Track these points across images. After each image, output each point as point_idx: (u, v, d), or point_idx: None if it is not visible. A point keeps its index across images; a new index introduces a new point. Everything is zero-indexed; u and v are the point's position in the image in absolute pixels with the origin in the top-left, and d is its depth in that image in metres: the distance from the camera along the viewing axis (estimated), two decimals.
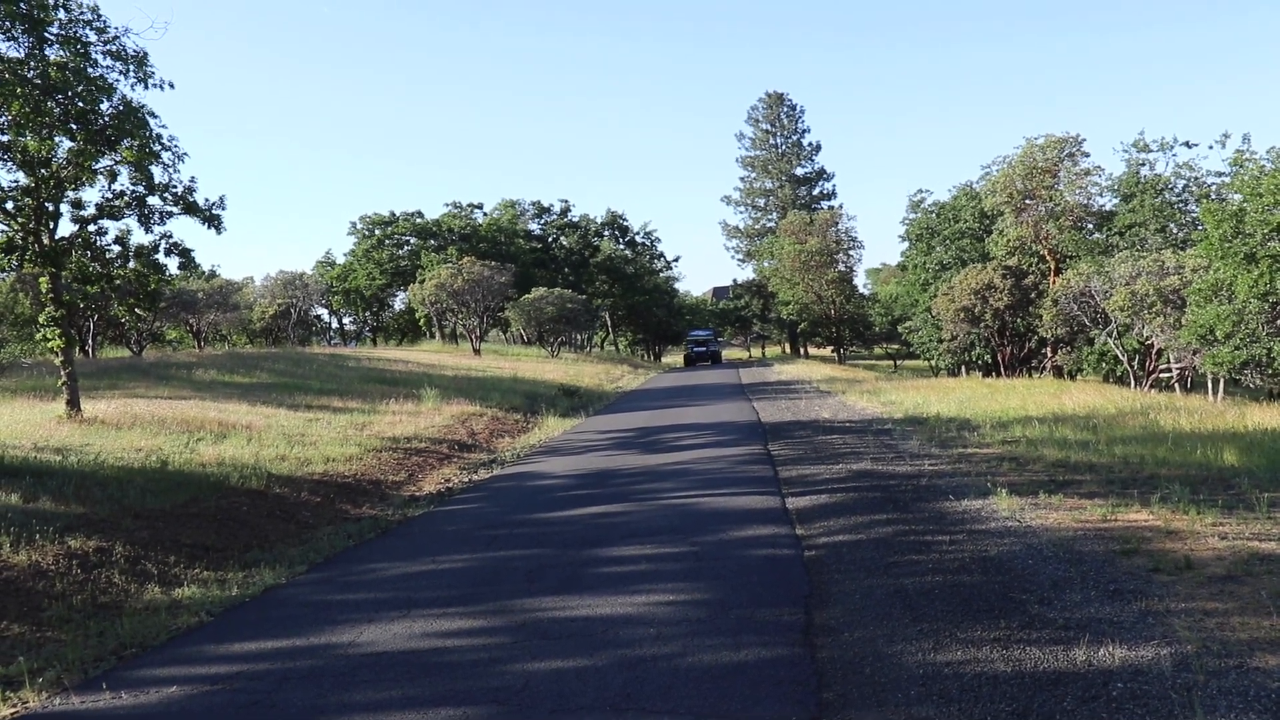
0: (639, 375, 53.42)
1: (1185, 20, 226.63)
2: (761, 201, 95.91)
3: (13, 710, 6.64)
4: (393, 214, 75.15)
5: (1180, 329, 31.23)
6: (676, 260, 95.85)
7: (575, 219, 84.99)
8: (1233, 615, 6.78)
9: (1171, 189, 43.49)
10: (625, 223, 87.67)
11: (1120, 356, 37.54)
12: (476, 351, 56.18)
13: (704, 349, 70.91)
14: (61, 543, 10.53)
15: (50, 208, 19.13)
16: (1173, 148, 43.81)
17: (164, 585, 10.02)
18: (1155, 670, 5.90)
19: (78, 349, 20.46)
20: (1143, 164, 44.58)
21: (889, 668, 6.32)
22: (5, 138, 18.01)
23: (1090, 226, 47.37)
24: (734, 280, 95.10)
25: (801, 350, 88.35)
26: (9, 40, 13.73)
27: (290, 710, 6.29)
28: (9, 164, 18.59)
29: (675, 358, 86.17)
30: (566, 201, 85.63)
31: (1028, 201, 47.37)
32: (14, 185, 18.94)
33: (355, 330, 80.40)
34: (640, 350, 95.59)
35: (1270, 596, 7.10)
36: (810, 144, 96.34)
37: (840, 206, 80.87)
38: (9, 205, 18.90)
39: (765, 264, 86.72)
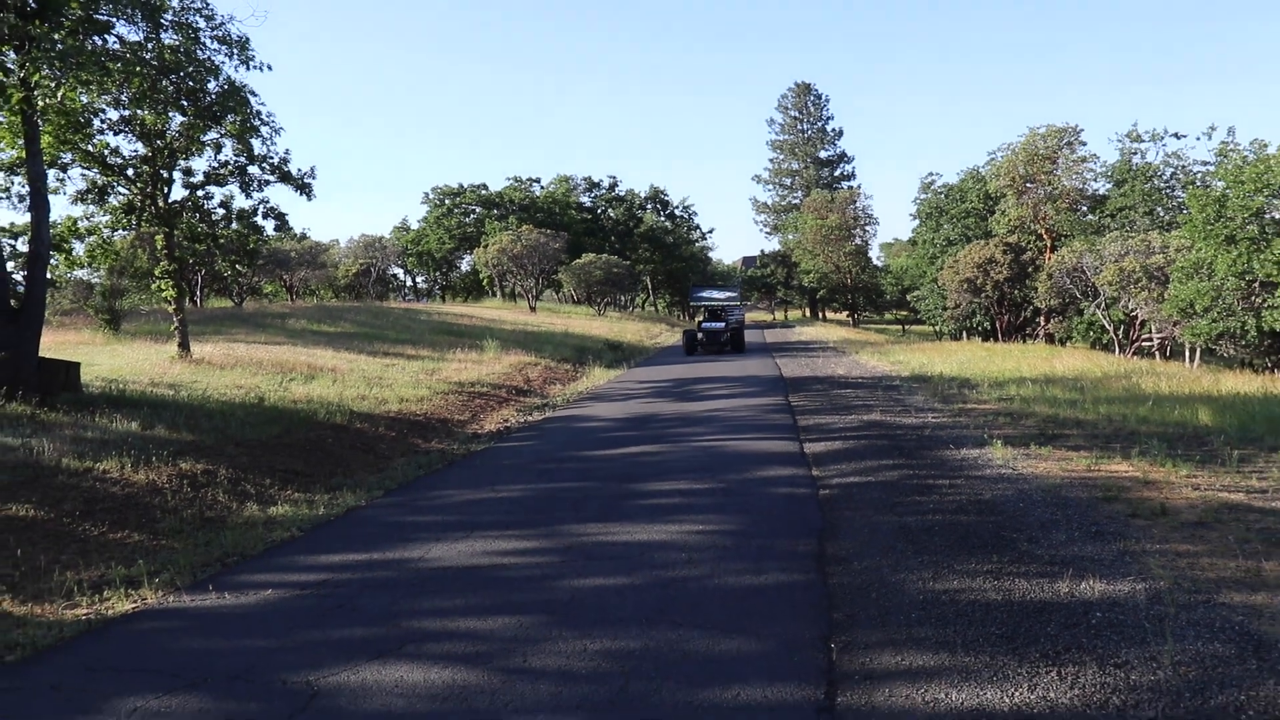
0: (675, 333, 53.23)
1: (1180, 20, 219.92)
2: (788, 181, 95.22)
3: (133, 605, 6.84)
4: (461, 186, 75.18)
5: (1163, 303, 30.89)
6: (711, 232, 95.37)
7: (622, 193, 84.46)
8: (1202, 557, 6.71)
9: (1160, 176, 42.87)
10: (666, 197, 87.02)
11: (1107, 326, 37.17)
12: (532, 309, 56.34)
13: (719, 326, 36.15)
14: (174, 465, 10.77)
15: (165, 175, 19.39)
16: (1163, 138, 43.59)
17: (261, 504, 10.24)
18: (1131, 603, 5.86)
19: (187, 299, 20.77)
20: (1134, 153, 44.14)
21: (892, 593, 6.33)
22: (126, 112, 18.22)
23: (1084, 209, 46.78)
24: (761, 250, 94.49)
25: (820, 314, 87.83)
26: (130, 25, 13.80)
27: (368, 613, 6.42)
28: (130, 135, 18.84)
29: None
30: (614, 178, 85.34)
31: (1028, 185, 47.28)
32: (134, 155, 19.23)
33: (426, 288, 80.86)
34: (677, 311, 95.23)
35: (1237, 541, 7.02)
36: (834, 130, 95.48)
37: (859, 187, 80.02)
38: (129, 172, 19.18)
39: (790, 236, 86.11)
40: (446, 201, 74.48)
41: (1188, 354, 32.90)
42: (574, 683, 5.09)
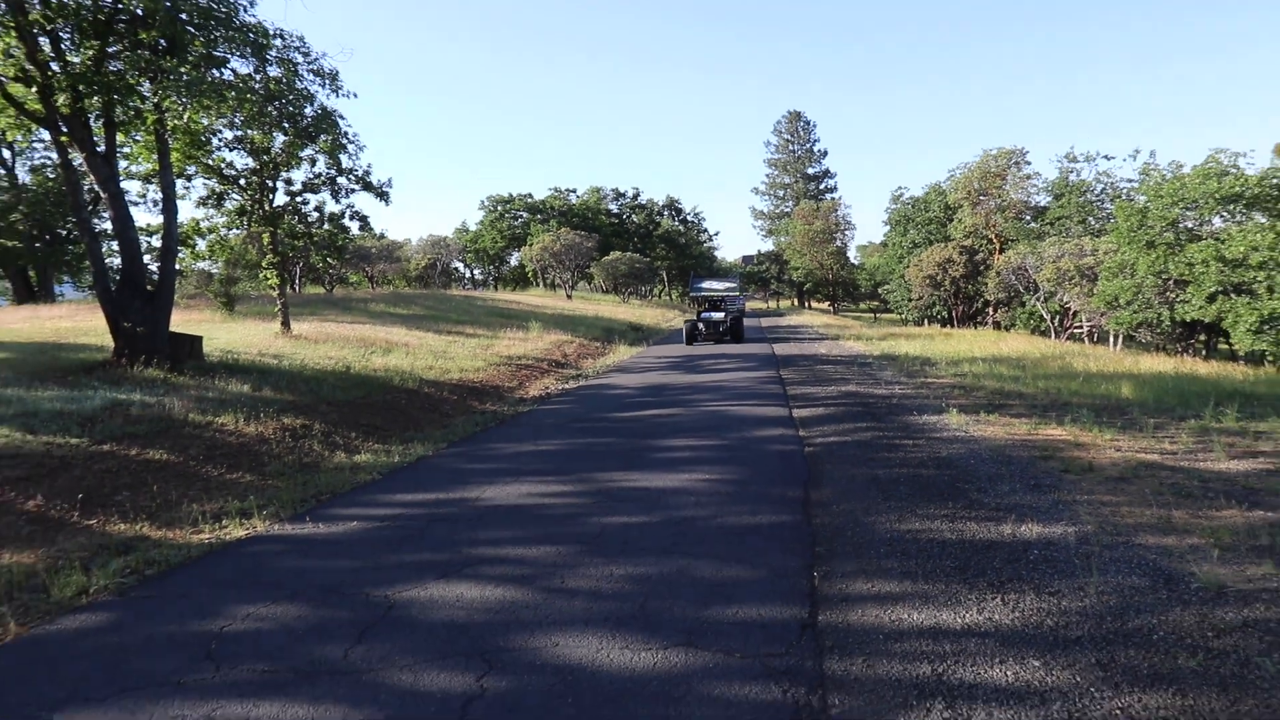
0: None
1: (1111, 61, 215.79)
2: (781, 192, 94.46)
3: (246, 532, 6.93)
4: (511, 195, 74.86)
5: (1092, 296, 30.58)
6: (716, 234, 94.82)
7: (643, 202, 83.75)
8: (1122, 506, 6.63)
9: (1092, 191, 42.29)
10: (679, 205, 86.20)
11: (1045, 315, 36.81)
12: (569, 297, 56.23)
13: (718, 316, 30.08)
14: (278, 420, 10.87)
15: (269, 184, 19.49)
16: (1095, 159, 43.70)
17: (348, 452, 10.32)
18: (1063, 543, 5.81)
19: (288, 286, 20.84)
20: (1071, 171, 43.79)
21: (865, 532, 6.30)
22: (239, 133, 18.27)
23: (1028, 218, 46.31)
24: (758, 250, 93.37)
25: (806, 304, 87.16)
26: (242, 60, 13.78)
27: (434, 542, 6.46)
28: (241, 152, 18.92)
29: None
30: (637, 189, 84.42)
31: (982, 197, 46.94)
32: (245, 167, 19.30)
33: (482, 279, 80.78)
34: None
35: (1151, 493, 6.94)
36: (819, 150, 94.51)
37: (839, 198, 78.80)
38: (241, 182, 19.26)
39: (782, 239, 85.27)
40: (499, 208, 74.27)
41: (1112, 339, 32.48)
42: (602, 600, 5.11)
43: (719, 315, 29.98)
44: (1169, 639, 4.28)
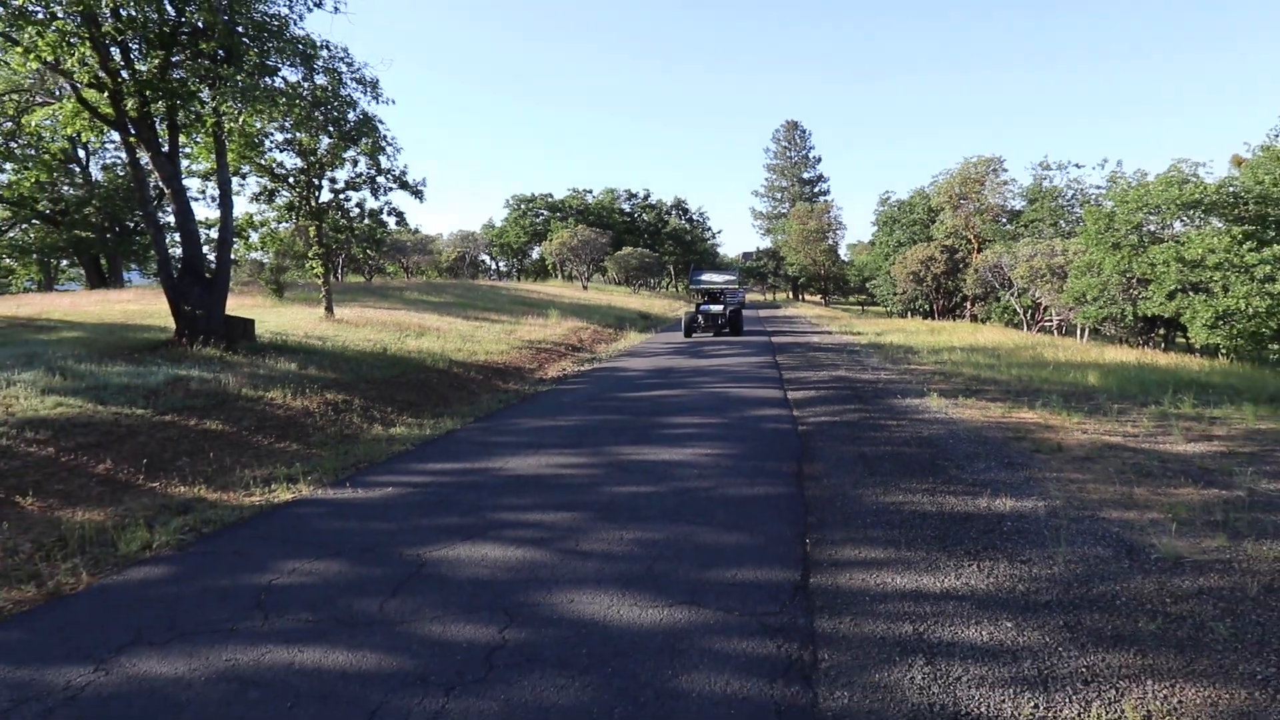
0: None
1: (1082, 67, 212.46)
2: (778, 195, 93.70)
3: (292, 495, 6.93)
4: (533, 195, 74.46)
5: (1062, 293, 30.21)
6: (719, 232, 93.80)
7: (653, 202, 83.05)
8: (1088, 483, 6.56)
9: (1063, 196, 41.76)
10: (686, 206, 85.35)
11: (1018, 310, 36.44)
12: (584, 288, 55.97)
13: (717, 309, 27.66)
14: (322, 395, 10.87)
15: (315, 183, 19.41)
16: (1066, 167, 43.16)
17: (384, 425, 10.31)
18: (1034, 515, 5.74)
19: (331, 275, 20.85)
20: (1044, 178, 43.20)
21: (852, 503, 6.25)
22: (288, 135, 18.20)
23: (1004, 220, 45.74)
24: (757, 247, 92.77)
25: (800, 296, 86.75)
26: (291, 69, 13.68)
27: (462, 505, 6.45)
28: (290, 153, 18.85)
29: None
30: (647, 190, 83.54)
31: (962, 201, 46.40)
32: (294, 167, 19.22)
33: (506, 270, 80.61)
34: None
35: (1115, 472, 6.86)
36: (814, 157, 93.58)
37: (832, 200, 78.12)
38: (290, 180, 19.20)
39: (779, 237, 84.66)
40: (522, 206, 73.92)
41: (1079, 332, 32.15)
42: (613, 562, 5.08)
43: (718, 308, 27.78)
44: (1131, 604, 4.23)
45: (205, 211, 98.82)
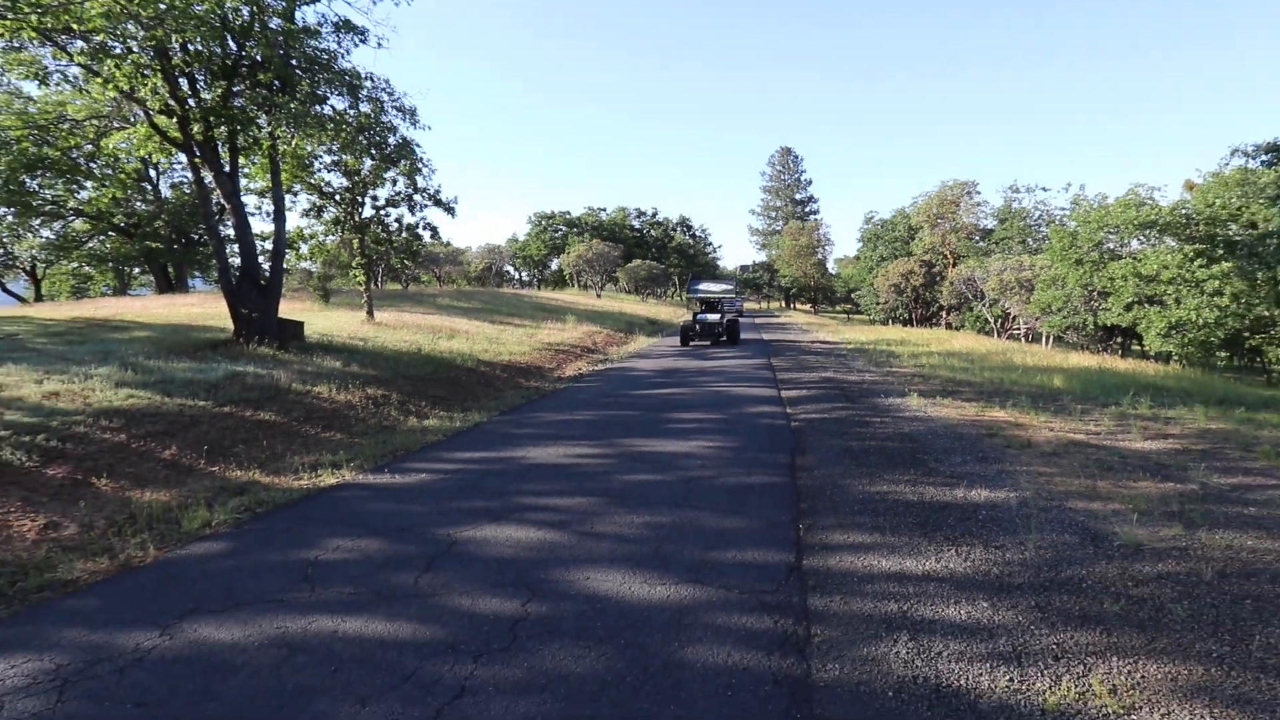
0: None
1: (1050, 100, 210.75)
2: (773, 214, 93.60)
3: (336, 480, 6.93)
4: (552, 212, 74.52)
5: (1029, 304, 30.00)
6: (720, 246, 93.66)
7: (660, 220, 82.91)
8: (1056, 476, 6.48)
9: (1031, 216, 41.45)
10: (690, 223, 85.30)
11: (989, 319, 36.22)
12: (598, 296, 55.89)
13: (714, 318, 24.81)
14: (363, 390, 10.89)
15: (359, 200, 19.41)
16: (1034, 190, 43.05)
17: (418, 418, 10.31)
18: (1006, 505, 5.68)
19: (372, 282, 20.91)
20: (1014, 200, 42.86)
21: (841, 492, 6.19)
22: (336, 157, 18.24)
23: (977, 238, 45.48)
24: (753, 260, 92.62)
25: (792, 305, 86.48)
26: (339, 97, 13.73)
27: (489, 490, 6.44)
28: (337, 173, 18.88)
29: None
30: (655, 208, 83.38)
31: (939, 220, 46.15)
32: (340, 186, 19.27)
33: (528, 280, 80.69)
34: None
35: (1080, 466, 6.78)
36: (806, 180, 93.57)
37: (821, 219, 78.05)
38: (336, 197, 19.24)
39: (773, 252, 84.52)
40: (543, 222, 74.01)
41: (1045, 339, 31.92)
42: (624, 543, 5.06)
43: (714, 317, 25.10)
44: (1096, 587, 4.17)
45: (261, 225, 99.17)
